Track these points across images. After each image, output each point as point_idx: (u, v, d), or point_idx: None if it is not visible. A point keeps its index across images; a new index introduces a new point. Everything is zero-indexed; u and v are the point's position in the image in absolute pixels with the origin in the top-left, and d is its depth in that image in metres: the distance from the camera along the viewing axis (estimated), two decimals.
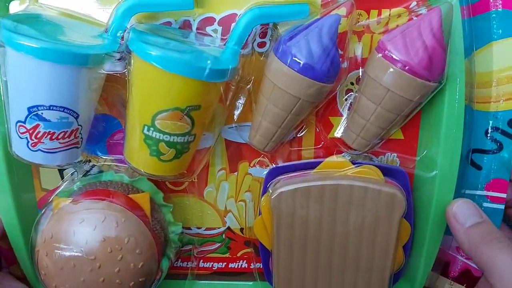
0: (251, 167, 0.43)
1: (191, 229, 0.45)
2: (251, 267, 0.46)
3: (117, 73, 0.36)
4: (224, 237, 0.45)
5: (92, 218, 0.36)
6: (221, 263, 0.46)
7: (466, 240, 0.36)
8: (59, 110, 0.35)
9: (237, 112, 0.40)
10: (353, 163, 0.39)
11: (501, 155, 0.41)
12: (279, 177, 0.41)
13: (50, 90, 0.34)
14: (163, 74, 0.33)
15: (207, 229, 0.45)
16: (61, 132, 0.36)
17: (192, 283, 0.46)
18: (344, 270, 0.41)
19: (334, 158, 0.40)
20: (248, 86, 0.39)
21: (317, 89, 0.35)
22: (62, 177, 0.44)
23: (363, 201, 0.38)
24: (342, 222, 0.39)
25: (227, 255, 0.46)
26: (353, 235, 0.39)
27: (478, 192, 0.42)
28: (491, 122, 0.40)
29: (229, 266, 0.46)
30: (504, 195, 0.41)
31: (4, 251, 0.47)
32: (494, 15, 0.38)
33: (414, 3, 0.37)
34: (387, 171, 0.40)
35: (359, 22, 0.38)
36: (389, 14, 0.38)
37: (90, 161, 0.42)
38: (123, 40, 0.36)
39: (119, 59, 0.36)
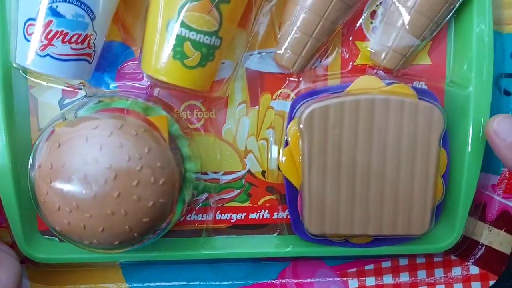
0: (273, 100, 0.40)
1: (207, 174, 0.41)
2: (273, 217, 0.41)
3: None
4: (244, 182, 0.41)
5: (108, 124, 0.31)
6: (240, 214, 0.41)
7: (509, 155, 0.34)
8: (76, 4, 0.32)
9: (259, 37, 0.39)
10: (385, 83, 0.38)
11: None
12: (306, 101, 0.38)
13: None
14: None
15: (225, 173, 0.41)
16: (74, 34, 0.32)
17: (208, 239, 0.41)
18: (382, 200, 0.37)
19: (366, 76, 0.38)
20: (272, 3, 0.38)
21: None
22: None
23: (401, 115, 0.36)
24: (379, 142, 0.36)
25: (247, 203, 0.41)
26: (391, 157, 0.36)
27: None
28: None
29: (250, 217, 0.41)
30: None
31: None
32: None
33: None
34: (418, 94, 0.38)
35: None
36: None
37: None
38: None
39: None
